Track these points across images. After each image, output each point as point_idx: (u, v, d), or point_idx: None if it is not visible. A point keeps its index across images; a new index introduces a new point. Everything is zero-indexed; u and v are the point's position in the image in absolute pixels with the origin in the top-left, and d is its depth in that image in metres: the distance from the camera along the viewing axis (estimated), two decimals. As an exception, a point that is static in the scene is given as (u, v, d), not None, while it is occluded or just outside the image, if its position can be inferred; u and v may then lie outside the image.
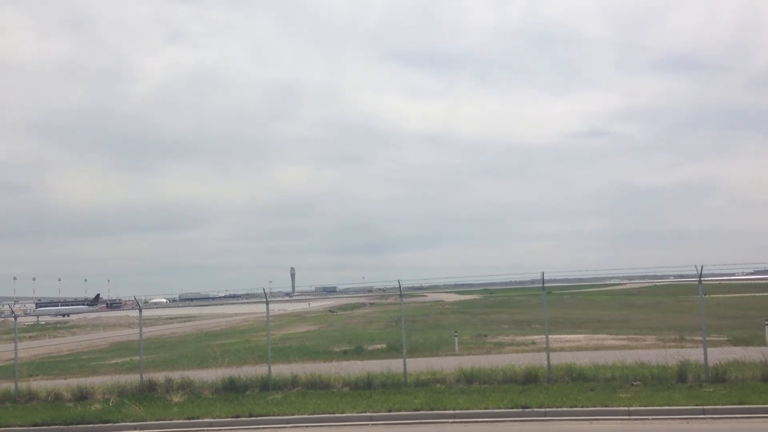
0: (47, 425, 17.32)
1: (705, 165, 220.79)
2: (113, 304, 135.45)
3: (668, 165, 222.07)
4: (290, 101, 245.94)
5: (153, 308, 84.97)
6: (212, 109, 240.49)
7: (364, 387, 19.09)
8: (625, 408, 15.19)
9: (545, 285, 20.32)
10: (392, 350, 27.60)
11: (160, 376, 21.12)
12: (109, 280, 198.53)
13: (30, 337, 58.99)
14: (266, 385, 19.84)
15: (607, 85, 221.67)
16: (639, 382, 17.50)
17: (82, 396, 20.21)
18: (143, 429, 16.64)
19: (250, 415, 16.68)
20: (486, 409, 15.84)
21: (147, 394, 20.06)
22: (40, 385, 21.71)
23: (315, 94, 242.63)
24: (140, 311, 23.71)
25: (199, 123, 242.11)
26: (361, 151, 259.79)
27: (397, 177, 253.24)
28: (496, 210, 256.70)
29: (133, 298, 24.85)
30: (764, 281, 53.20)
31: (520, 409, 15.61)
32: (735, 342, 25.73)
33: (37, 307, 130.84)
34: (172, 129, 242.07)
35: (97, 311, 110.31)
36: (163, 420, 16.97)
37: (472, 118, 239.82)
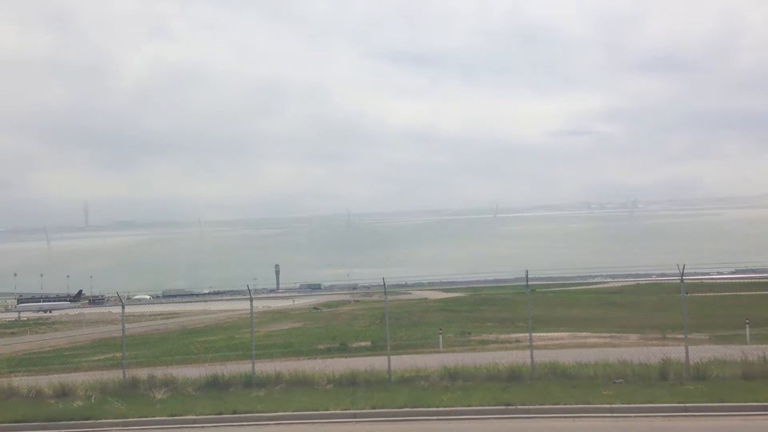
0: (28, 422, 17.13)
1: (686, 164, 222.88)
2: (96, 300, 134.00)
3: (650, 164, 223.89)
4: (275, 99, 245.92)
5: (136, 304, 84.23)
6: (196, 106, 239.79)
7: (349, 384, 19.07)
8: (608, 405, 15.30)
9: (529, 283, 20.51)
10: (377, 347, 27.61)
11: (142, 373, 20.97)
12: (91, 276, 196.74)
13: (11, 333, 58.34)
14: (250, 382, 19.77)
15: (591, 85, 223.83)
16: (621, 380, 17.63)
17: (64, 392, 20.00)
18: (125, 426, 16.51)
19: (234, 412, 16.61)
20: (470, 406, 15.90)
21: (129, 391, 19.88)
22: (21, 381, 21.48)
23: (300, 92, 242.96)
24: (123, 307, 23.55)
25: (183, 120, 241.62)
26: (345, 148, 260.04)
27: (381, 174, 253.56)
28: (481, 207, 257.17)
29: (116, 294, 24.65)
30: (745, 280, 53.87)
31: (504, 407, 15.68)
32: (716, 340, 26.01)
33: (18, 303, 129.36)
34: (155, 125, 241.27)
35: (79, 307, 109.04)
36: (145, 417, 16.86)
37: (456, 117, 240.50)
